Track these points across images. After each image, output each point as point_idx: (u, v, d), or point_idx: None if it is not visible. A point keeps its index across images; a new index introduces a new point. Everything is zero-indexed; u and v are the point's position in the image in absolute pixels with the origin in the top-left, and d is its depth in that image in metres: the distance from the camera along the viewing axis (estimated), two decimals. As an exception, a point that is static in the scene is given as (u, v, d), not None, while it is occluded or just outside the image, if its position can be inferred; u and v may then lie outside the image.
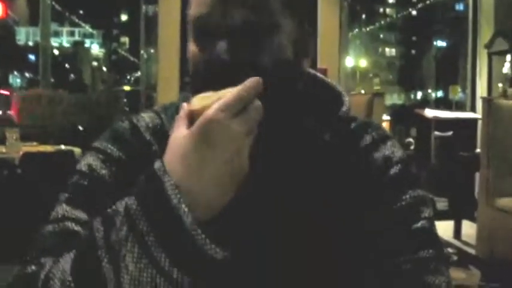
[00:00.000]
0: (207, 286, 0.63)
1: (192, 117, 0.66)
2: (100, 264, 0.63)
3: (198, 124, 0.64)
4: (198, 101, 0.68)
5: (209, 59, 0.78)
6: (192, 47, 0.82)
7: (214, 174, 0.63)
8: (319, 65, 4.67)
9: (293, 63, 0.84)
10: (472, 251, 4.04)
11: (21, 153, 4.33)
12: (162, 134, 0.88)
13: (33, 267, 0.73)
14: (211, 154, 0.63)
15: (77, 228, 0.78)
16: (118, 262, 0.63)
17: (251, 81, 0.66)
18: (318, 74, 0.96)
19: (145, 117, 0.93)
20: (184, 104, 0.70)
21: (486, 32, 6.30)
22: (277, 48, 0.80)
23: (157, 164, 0.66)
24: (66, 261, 0.68)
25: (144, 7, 10.61)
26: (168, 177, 0.63)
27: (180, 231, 0.62)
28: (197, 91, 0.81)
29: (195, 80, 0.82)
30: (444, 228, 4.41)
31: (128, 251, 0.62)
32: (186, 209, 0.62)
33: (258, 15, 0.79)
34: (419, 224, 0.85)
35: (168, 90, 5.39)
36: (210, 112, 0.63)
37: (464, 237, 4.58)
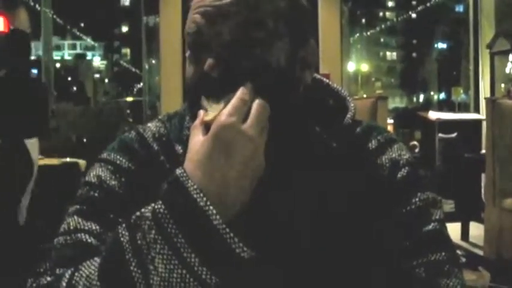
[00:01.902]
0: (234, 286, 0.65)
1: (207, 125, 0.70)
2: (128, 268, 0.65)
3: (212, 131, 0.67)
4: (212, 109, 0.72)
5: (199, 74, 0.80)
6: (187, 61, 0.84)
7: (233, 176, 0.66)
8: (321, 71, 4.67)
9: (290, 74, 0.83)
10: (480, 253, 4.02)
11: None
12: (168, 144, 0.89)
13: (49, 278, 0.73)
14: (229, 158, 0.66)
15: (90, 239, 0.78)
16: (147, 264, 0.64)
17: (246, 85, 0.72)
18: (324, 79, 0.96)
19: (151, 127, 0.93)
20: (200, 112, 0.73)
21: (487, 33, 6.31)
22: (269, 61, 0.80)
23: (178, 171, 0.68)
24: (89, 268, 0.69)
25: (144, 18, 10.64)
26: (191, 181, 0.66)
27: (209, 231, 0.64)
28: (191, 104, 0.82)
29: (189, 93, 0.84)
30: (451, 230, 4.34)
31: (158, 253, 0.64)
32: (213, 210, 0.64)
33: (248, 31, 0.79)
34: (430, 226, 0.85)
35: (171, 99, 5.41)
36: (221, 118, 0.67)
37: (471, 239, 4.56)
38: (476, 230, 4.57)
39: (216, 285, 0.64)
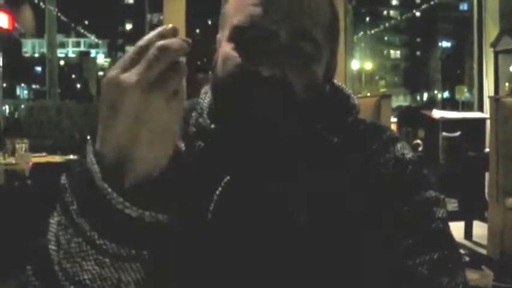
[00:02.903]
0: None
1: None
2: (47, 248, 0.64)
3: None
4: None
5: (248, 72, 0.79)
6: (227, 49, 0.83)
7: (124, 132, 0.60)
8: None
9: (321, 89, 0.86)
10: (483, 252, 4.01)
11: (30, 164, 4.35)
12: None
13: None
14: (115, 115, 0.60)
15: None
16: (57, 238, 0.63)
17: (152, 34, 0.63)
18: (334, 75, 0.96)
19: None
20: None
21: (491, 31, 6.29)
22: (312, 75, 0.82)
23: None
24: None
25: (148, 16, 10.65)
26: (90, 147, 0.62)
27: (95, 195, 0.60)
28: (221, 92, 0.83)
29: (225, 81, 0.82)
30: (455, 229, 4.35)
31: (59, 224, 0.63)
32: (96, 169, 0.60)
33: (304, 43, 0.80)
34: (433, 225, 0.84)
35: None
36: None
37: (475, 238, 4.56)
38: (479, 229, 4.56)
39: (117, 252, 0.60)
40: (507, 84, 5.99)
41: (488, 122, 4.56)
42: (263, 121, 0.79)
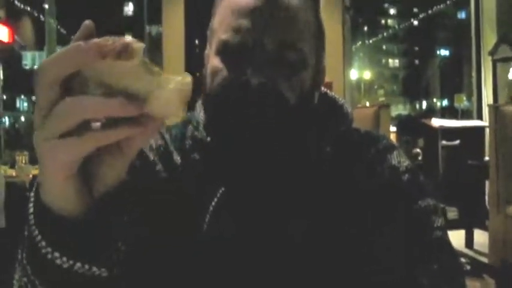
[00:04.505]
0: None
1: None
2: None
3: None
4: None
5: (237, 82, 0.79)
6: (215, 62, 0.83)
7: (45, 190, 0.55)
8: (324, 79, 4.66)
9: (310, 96, 0.86)
10: (484, 260, 4.01)
11: (31, 176, 4.35)
12: (166, 154, 0.89)
13: None
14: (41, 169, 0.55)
15: None
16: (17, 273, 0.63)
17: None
18: (322, 88, 0.97)
19: None
20: None
21: (489, 39, 6.32)
22: (301, 84, 0.82)
23: None
24: None
25: (147, 27, 10.68)
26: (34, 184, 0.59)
27: (28, 234, 0.58)
28: (212, 104, 0.83)
29: (214, 93, 0.83)
30: (456, 238, 4.38)
31: (18, 260, 0.62)
32: (31, 207, 0.58)
33: (289, 53, 0.81)
34: (432, 234, 0.84)
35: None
36: None
37: (476, 246, 4.55)
38: (480, 237, 4.56)
39: None
40: (506, 91, 6.01)
41: (487, 130, 4.57)
42: (256, 130, 0.79)
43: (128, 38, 0.51)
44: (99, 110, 0.49)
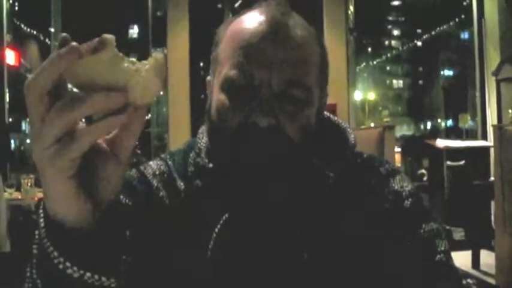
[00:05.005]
0: None
1: None
2: None
3: None
4: None
5: (244, 125, 0.80)
6: (221, 98, 0.83)
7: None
8: (328, 101, 4.67)
9: (315, 129, 0.86)
10: (492, 281, 3.97)
11: (36, 199, 4.36)
12: (169, 180, 0.90)
13: None
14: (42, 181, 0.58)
15: None
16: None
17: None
18: (324, 112, 0.97)
19: (152, 165, 0.94)
20: None
21: (493, 59, 6.33)
22: (306, 119, 0.83)
23: None
24: None
25: (152, 50, 10.76)
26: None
27: (40, 248, 0.60)
28: (216, 136, 0.83)
29: (219, 128, 0.83)
30: (462, 259, 4.35)
31: (27, 277, 0.64)
32: (42, 223, 0.59)
33: (296, 90, 0.81)
34: (436, 258, 0.84)
35: (179, 131, 5.44)
36: None
37: (483, 267, 4.51)
38: (487, 258, 4.52)
39: None
40: (510, 111, 6.01)
41: (492, 150, 4.56)
42: (262, 170, 0.79)
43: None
44: (86, 108, 0.53)
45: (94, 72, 0.54)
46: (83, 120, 0.55)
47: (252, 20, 0.84)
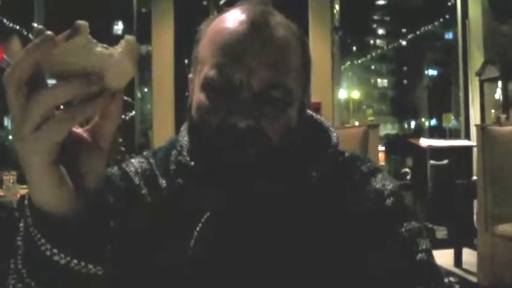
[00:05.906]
0: None
1: None
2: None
3: None
4: None
5: (223, 126, 0.79)
6: (201, 98, 0.82)
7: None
8: (312, 99, 4.69)
9: (296, 127, 0.85)
10: (473, 279, 4.01)
11: (18, 196, 4.32)
12: (151, 178, 0.90)
13: None
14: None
15: None
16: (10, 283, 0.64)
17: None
18: (307, 111, 0.96)
19: (134, 163, 0.94)
20: None
21: (476, 60, 6.39)
22: (286, 120, 0.82)
23: None
24: None
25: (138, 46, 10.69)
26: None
27: (27, 237, 0.61)
28: (196, 136, 0.83)
29: (199, 128, 0.82)
30: (445, 257, 4.38)
31: (12, 269, 0.64)
32: (28, 211, 0.60)
33: (276, 91, 0.81)
34: (417, 257, 0.84)
35: (163, 128, 5.42)
36: None
37: (465, 265, 4.55)
38: (469, 256, 4.56)
39: None
40: (493, 111, 6.07)
41: (475, 149, 4.60)
42: (242, 170, 0.79)
43: None
44: (63, 92, 0.54)
45: (70, 59, 0.55)
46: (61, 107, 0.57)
47: (233, 20, 0.83)
